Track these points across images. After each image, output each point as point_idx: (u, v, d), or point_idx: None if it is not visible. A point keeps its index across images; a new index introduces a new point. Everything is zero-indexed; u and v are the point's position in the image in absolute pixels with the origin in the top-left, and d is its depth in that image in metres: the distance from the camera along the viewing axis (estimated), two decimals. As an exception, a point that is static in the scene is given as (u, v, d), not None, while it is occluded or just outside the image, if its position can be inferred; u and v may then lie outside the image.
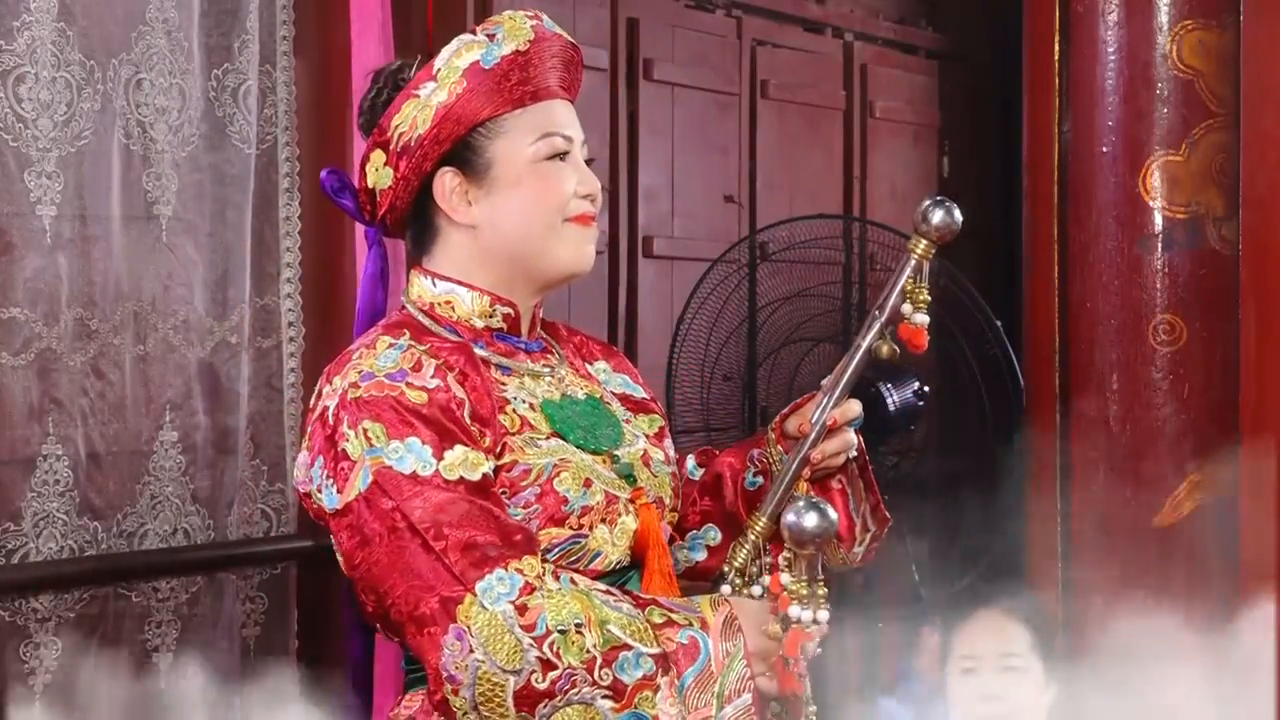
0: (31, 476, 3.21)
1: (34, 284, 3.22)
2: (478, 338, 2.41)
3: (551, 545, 2.33)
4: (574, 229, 2.41)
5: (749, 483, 2.59)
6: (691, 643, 2.24)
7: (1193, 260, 4.24)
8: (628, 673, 2.20)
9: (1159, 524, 4.20)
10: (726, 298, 4.34)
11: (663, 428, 2.56)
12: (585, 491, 2.35)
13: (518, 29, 2.41)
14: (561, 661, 2.18)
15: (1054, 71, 4.35)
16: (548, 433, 2.36)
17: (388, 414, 2.25)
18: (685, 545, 2.62)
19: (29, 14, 3.19)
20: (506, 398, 2.36)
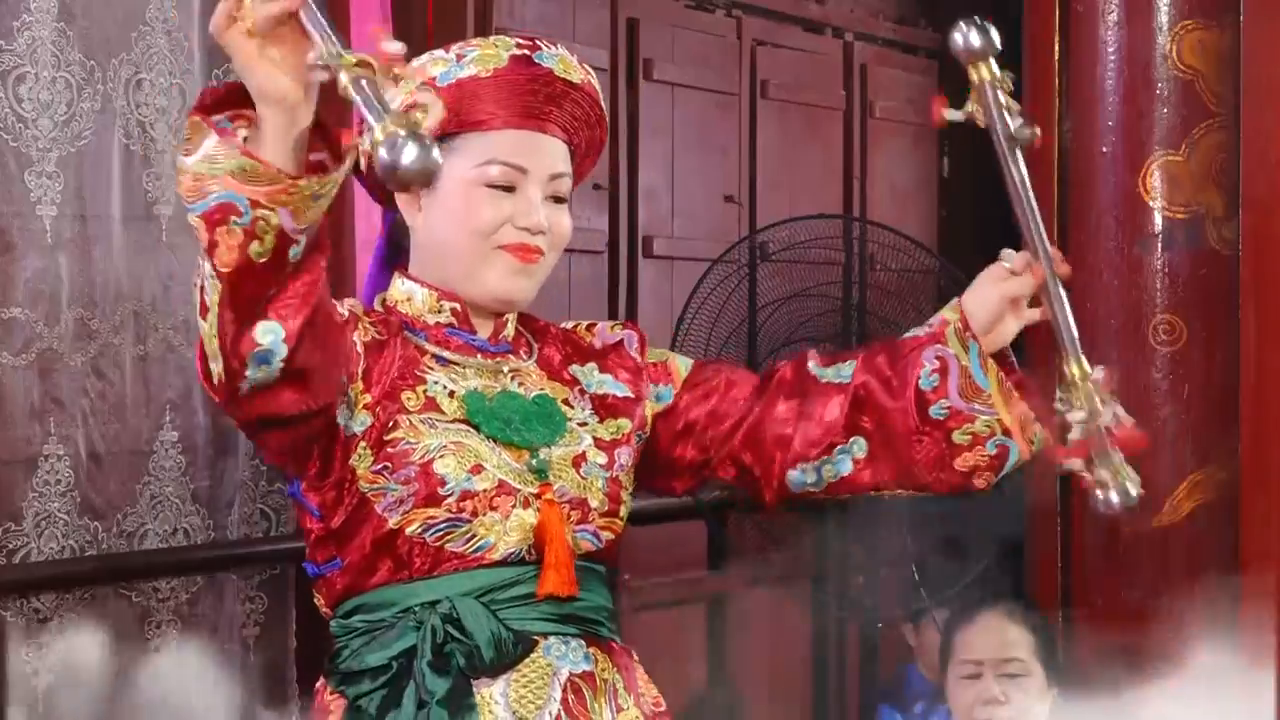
0: (32, 476, 3.22)
1: (34, 284, 3.23)
2: (426, 331, 2.44)
3: (429, 525, 2.34)
4: (505, 258, 2.43)
5: (924, 382, 2.50)
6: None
7: (1193, 260, 4.24)
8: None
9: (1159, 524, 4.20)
10: (726, 298, 4.34)
11: (629, 433, 2.54)
12: (470, 477, 2.36)
13: (490, 56, 2.43)
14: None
15: (1054, 71, 4.35)
16: (453, 418, 2.38)
17: None
18: (827, 460, 2.54)
19: (29, 14, 3.19)
20: (424, 379, 2.40)
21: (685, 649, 4.90)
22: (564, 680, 2.39)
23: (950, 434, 2.49)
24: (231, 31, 2.08)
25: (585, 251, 4.54)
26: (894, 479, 2.54)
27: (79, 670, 3.22)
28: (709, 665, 4.96)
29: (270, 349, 2.15)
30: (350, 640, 2.38)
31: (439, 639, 2.34)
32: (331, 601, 2.41)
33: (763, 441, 2.56)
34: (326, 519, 2.38)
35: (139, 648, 3.34)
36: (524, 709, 2.36)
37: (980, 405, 2.49)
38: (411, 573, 2.36)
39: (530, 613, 2.40)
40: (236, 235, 2.08)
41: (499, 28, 4.25)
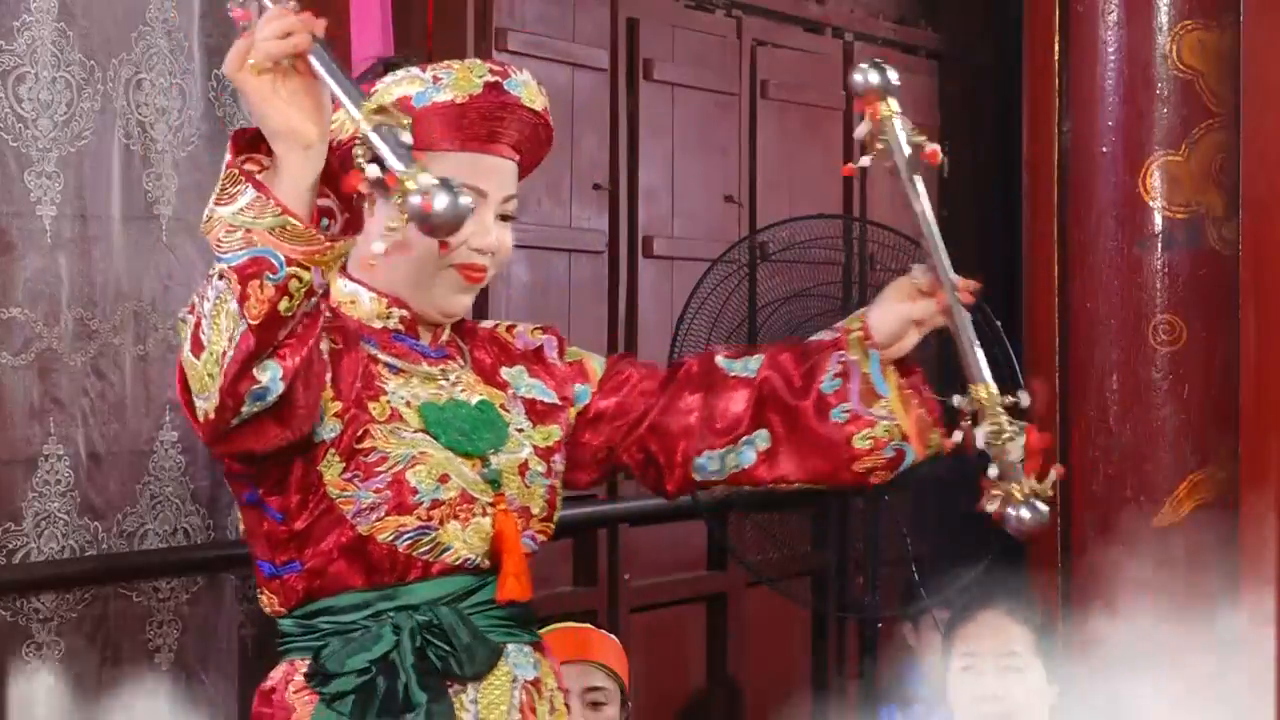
0: (32, 476, 3.22)
1: (34, 284, 3.23)
2: (374, 337, 2.48)
3: (400, 533, 2.40)
4: (454, 275, 2.48)
5: (826, 386, 2.60)
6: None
7: (1192, 260, 4.24)
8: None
9: (1159, 524, 4.20)
10: (726, 298, 4.34)
11: (559, 441, 2.59)
12: (439, 486, 2.42)
13: (466, 82, 2.47)
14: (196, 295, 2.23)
15: (1054, 72, 4.36)
16: (416, 428, 2.44)
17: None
18: (731, 449, 2.63)
19: (29, 14, 3.19)
20: (385, 390, 2.45)
21: (685, 649, 4.91)
22: (520, 687, 2.48)
23: (850, 437, 2.59)
24: (244, 71, 2.14)
25: (585, 251, 4.54)
26: (794, 474, 2.63)
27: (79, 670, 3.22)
28: (709, 665, 4.97)
29: (267, 386, 2.21)
30: (326, 641, 2.42)
31: (418, 644, 2.40)
32: (289, 602, 2.45)
33: (668, 430, 2.64)
34: (289, 522, 2.41)
35: (139, 648, 3.34)
36: (490, 714, 2.43)
37: (880, 410, 2.60)
38: (380, 578, 2.41)
39: (489, 619, 2.47)
40: (269, 290, 2.16)
41: (499, 28, 4.25)
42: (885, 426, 2.60)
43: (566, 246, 4.47)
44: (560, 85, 4.44)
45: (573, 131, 4.48)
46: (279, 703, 2.45)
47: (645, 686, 4.55)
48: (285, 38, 2.14)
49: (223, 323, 2.18)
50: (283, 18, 2.15)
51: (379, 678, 2.40)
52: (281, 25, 2.14)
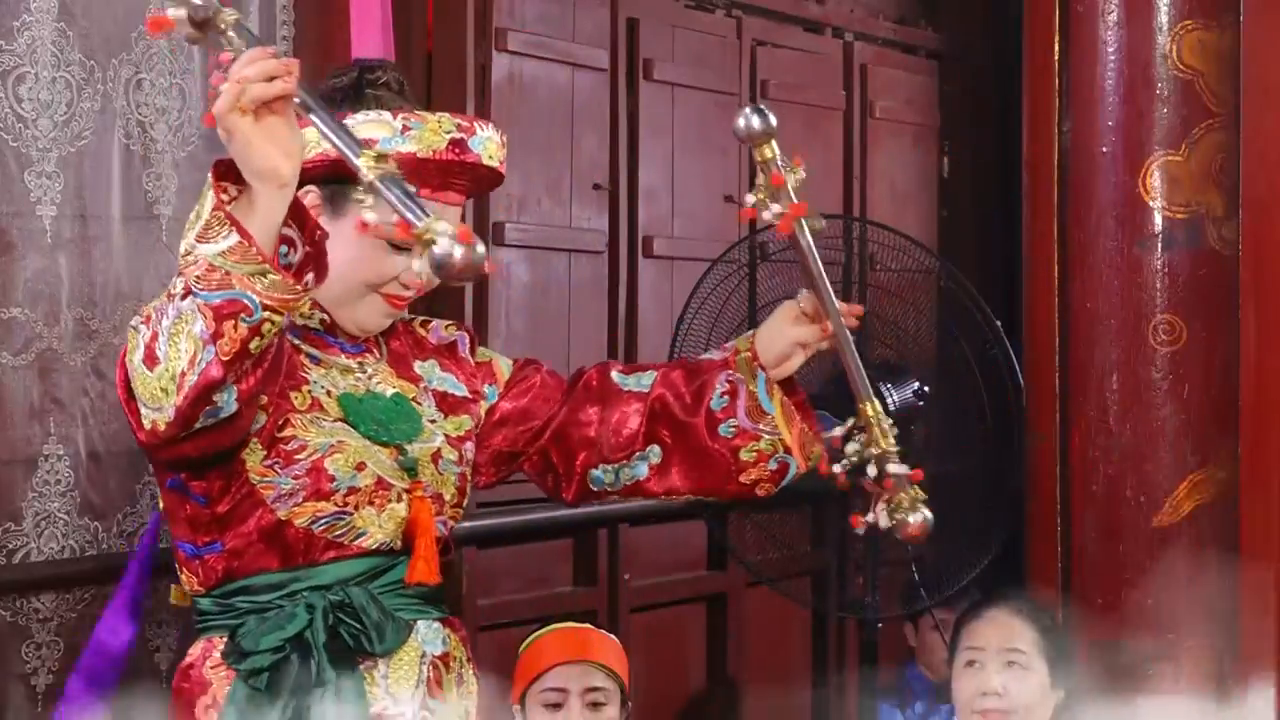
0: (32, 476, 3.22)
1: (34, 284, 3.23)
2: (296, 330, 2.61)
3: (317, 517, 2.54)
4: (379, 302, 2.63)
5: (715, 403, 2.76)
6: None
7: (1192, 260, 4.24)
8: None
9: (1159, 524, 4.20)
10: (726, 298, 4.33)
11: (470, 430, 2.74)
12: (355, 474, 2.56)
13: (434, 137, 2.57)
14: (151, 309, 2.36)
15: (1054, 72, 4.35)
16: (336, 418, 2.58)
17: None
18: (626, 465, 2.80)
19: (29, 14, 3.19)
20: (308, 379, 2.58)
21: (685, 649, 4.91)
22: (428, 662, 2.62)
23: (737, 451, 2.76)
24: (234, 113, 2.23)
25: (585, 251, 4.54)
26: (683, 486, 2.81)
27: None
28: (709, 665, 4.97)
29: (221, 407, 2.34)
30: (243, 620, 2.55)
31: (330, 622, 2.53)
32: (208, 582, 2.58)
33: (568, 440, 2.80)
34: (211, 506, 2.54)
35: (139, 647, 3.34)
36: (399, 690, 2.58)
37: (765, 426, 2.76)
38: (296, 559, 2.56)
39: (400, 598, 2.60)
40: (242, 330, 2.28)
41: (499, 28, 4.25)
42: (769, 440, 2.77)
43: (566, 246, 4.47)
44: (560, 85, 4.44)
45: (573, 131, 4.49)
46: (196, 678, 2.59)
47: (645, 687, 4.55)
48: (270, 81, 2.22)
49: (183, 344, 2.29)
50: (264, 60, 2.22)
51: (293, 655, 2.53)
52: (265, 69, 2.21)
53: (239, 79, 2.21)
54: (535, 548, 4.41)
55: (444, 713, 2.62)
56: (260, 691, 2.51)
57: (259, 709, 2.52)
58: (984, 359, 4.20)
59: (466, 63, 4.21)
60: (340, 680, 2.53)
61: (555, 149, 4.44)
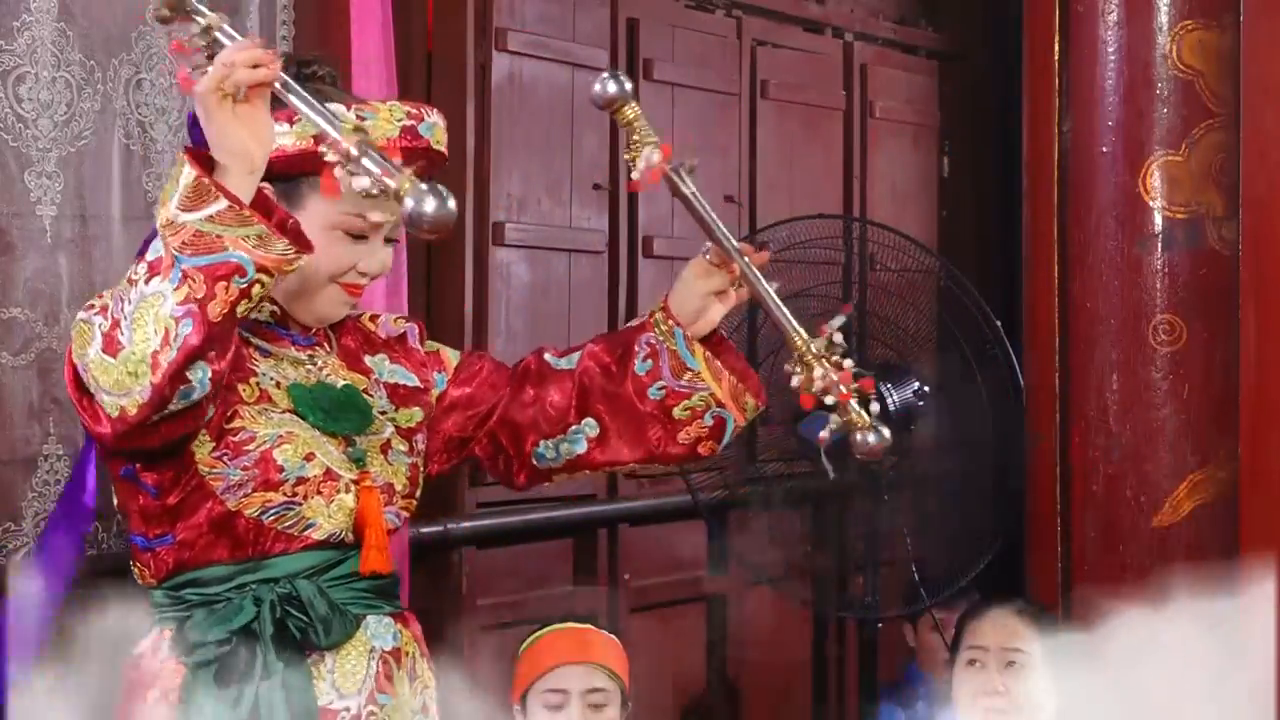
0: (32, 476, 3.21)
1: (34, 284, 3.22)
2: (246, 323, 2.59)
3: (266, 508, 2.57)
4: (337, 291, 2.67)
5: (639, 368, 2.78)
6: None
7: (1193, 260, 4.24)
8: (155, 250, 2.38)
9: (1159, 524, 4.20)
10: (726, 298, 4.33)
11: (421, 421, 2.78)
12: (304, 464, 2.59)
13: (386, 125, 2.62)
14: (107, 298, 2.42)
15: (1054, 71, 4.35)
16: (284, 408, 2.61)
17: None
18: (564, 439, 2.81)
19: (29, 14, 3.19)
20: (255, 370, 2.62)
21: (684, 648, 4.90)
22: (377, 657, 2.63)
23: (670, 411, 2.77)
24: (214, 94, 2.32)
25: (585, 251, 4.54)
26: (627, 454, 2.82)
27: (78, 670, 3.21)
28: (708, 665, 4.96)
29: (194, 386, 2.39)
30: (192, 612, 2.58)
31: (278, 615, 2.56)
32: (159, 574, 2.61)
33: (516, 424, 2.83)
34: (162, 497, 2.57)
35: (139, 648, 3.34)
36: (346, 684, 2.60)
37: (692, 382, 2.76)
38: (246, 551, 2.58)
39: (350, 591, 2.63)
40: (232, 292, 2.34)
41: (499, 28, 4.25)
42: (700, 396, 2.77)
43: (566, 246, 4.47)
44: (560, 85, 4.44)
45: (573, 131, 4.49)
46: (147, 669, 2.62)
47: (645, 687, 4.54)
48: (255, 68, 2.31)
49: (150, 327, 2.34)
50: (252, 49, 2.32)
51: (240, 647, 2.55)
52: (251, 56, 2.31)
53: (227, 63, 2.30)
54: (535, 548, 4.41)
55: (393, 708, 2.63)
56: (208, 685, 2.54)
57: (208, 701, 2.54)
58: (984, 359, 4.20)
59: (466, 62, 4.21)
60: (286, 672, 2.55)
61: (555, 149, 4.44)
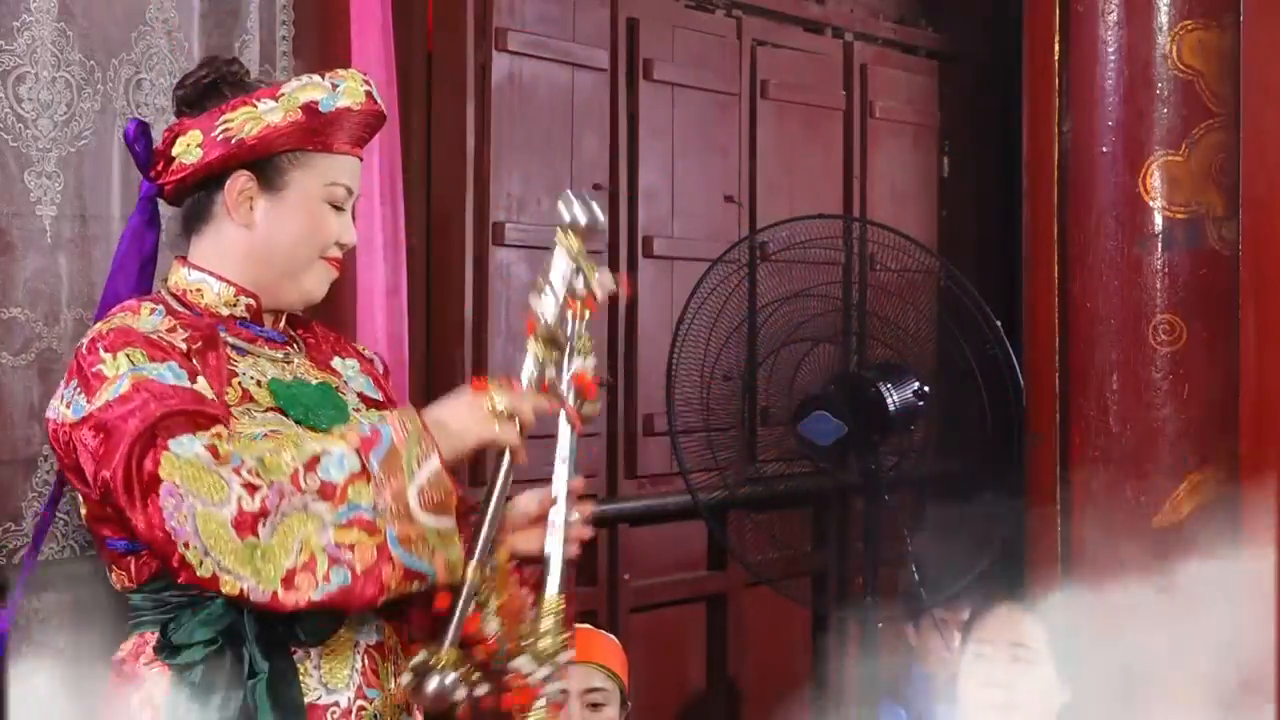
0: (32, 477, 3.22)
1: (34, 284, 3.23)
2: (221, 323, 2.67)
3: None
4: (324, 266, 2.73)
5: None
6: (373, 431, 2.48)
7: (1193, 260, 4.24)
8: (333, 473, 2.43)
9: (1159, 524, 4.20)
10: (726, 298, 4.34)
11: None
12: None
13: (354, 91, 2.70)
14: (264, 480, 2.41)
15: (1054, 71, 4.35)
16: (267, 406, 2.62)
17: (145, 346, 2.53)
18: None
19: (29, 14, 3.19)
20: (236, 372, 2.63)
21: (685, 649, 4.91)
22: (361, 651, 2.63)
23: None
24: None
25: (585, 252, 4.53)
26: None
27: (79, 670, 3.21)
28: (708, 665, 4.97)
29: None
30: (175, 614, 2.56)
31: (262, 614, 2.52)
32: (141, 578, 2.60)
33: None
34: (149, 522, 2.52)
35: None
36: (333, 679, 2.60)
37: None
38: None
39: None
40: (402, 586, 2.46)
41: (499, 28, 4.25)
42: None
43: (567, 246, 4.46)
44: (560, 85, 4.44)
45: (573, 131, 4.49)
46: (130, 674, 2.61)
47: (645, 687, 4.55)
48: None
49: (295, 544, 2.41)
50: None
51: (225, 647, 2.54)
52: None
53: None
54: (535, 548, 4.40)
55: (381, 702, 2.64)
56: (194, 686, 2.53)
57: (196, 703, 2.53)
58: (984, 359, 4.20)
59: (467, 63, 4.21)
60: (273, 670, 2.55)
61: (555, 149, 4.45)
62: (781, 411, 4.36)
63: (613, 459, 4.59)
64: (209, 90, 2.70)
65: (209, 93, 2.71)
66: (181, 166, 2.69)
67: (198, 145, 2.66)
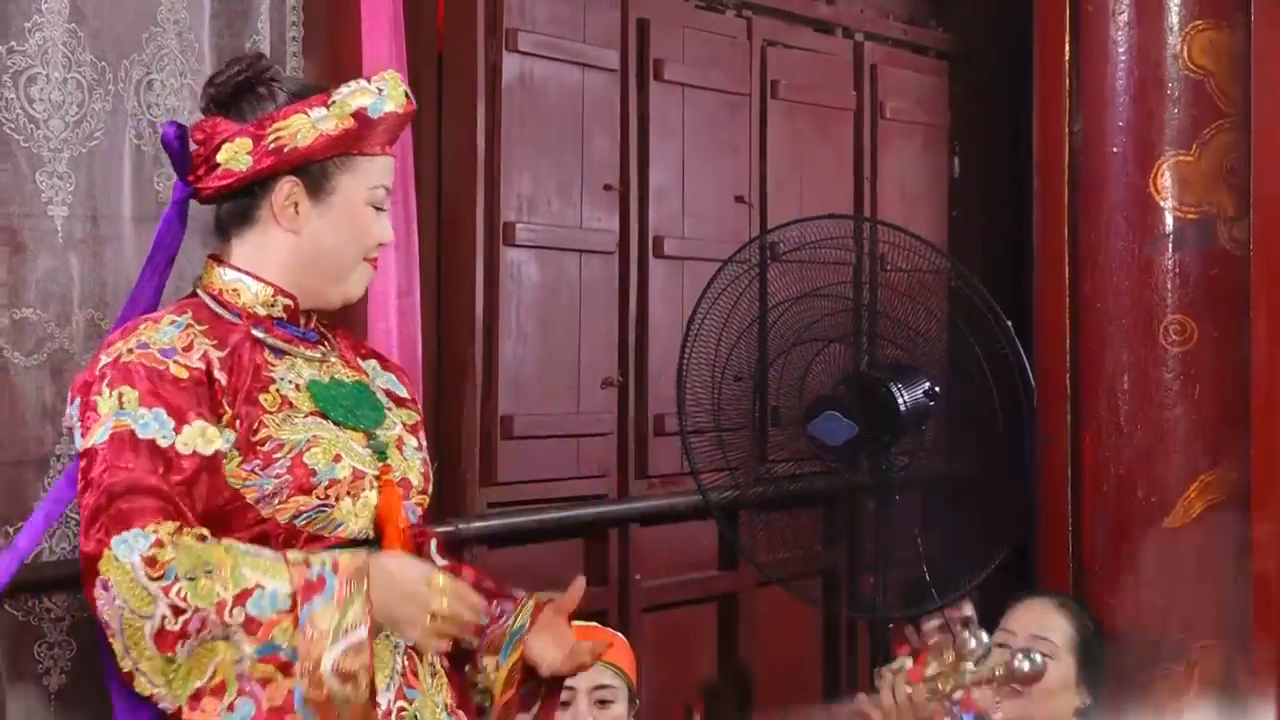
0: (44, 477, 3.22)
1: (46, 284, 3.23)
2: (259, 323, 2.70)
3: (300, 512, 2.61)
4: (365, 268, 2.79)
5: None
6: (319, 579, 2.49)
7: (1204, 260, 4.24)
8: (263, 609, 2.47)
9: (1170, 525, 4.20)
10: (737, 298, 4.34)
11: (418, 422, 2.86)
12: (334, 466, 2.63)
13: (395, 94, 2.75)
14: (189, 605, 2.44)
15: (1064, 72, 4.36)
16: (308, 411, 2.66)
17: (144, 384, 2.56)
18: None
19: (40, 15, 3.19)
20: (274, 378, 2.67)
21: (696, 648, 4.91)
22: (402, 652, 2.67)
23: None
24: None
25: (596, 252, 4.54)
26: None
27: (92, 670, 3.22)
28: (719, 665, 4.97)
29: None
30: None
31: None
32: None
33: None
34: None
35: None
36: (375, 680, 2.58)
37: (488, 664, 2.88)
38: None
39: None
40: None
41: (509, 28, 4.25)
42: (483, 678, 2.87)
43: (577, 247, 4.48)
44: (571, 86, 4.44)
45: (583, 132, 4.49)
46: None
47: (656, 686, 4.55)
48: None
49: (212, 665, 2.47)
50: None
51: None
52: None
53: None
54: (546, 547, 4.41)
55: (421, 702, 2.66)
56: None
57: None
58: (995, 359, 4.20)
59: (477, 63, 4.21)
60: None
61: (566, 149, 4.45)
62: (792, 411, 4.36)
63: (623, 459, 4.59)
64: (242, 88, 2.73)
65: (242, 91, 2.73)
66: (228, 173, 2.72)
67: (247, 153, 2.70)
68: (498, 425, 4.20)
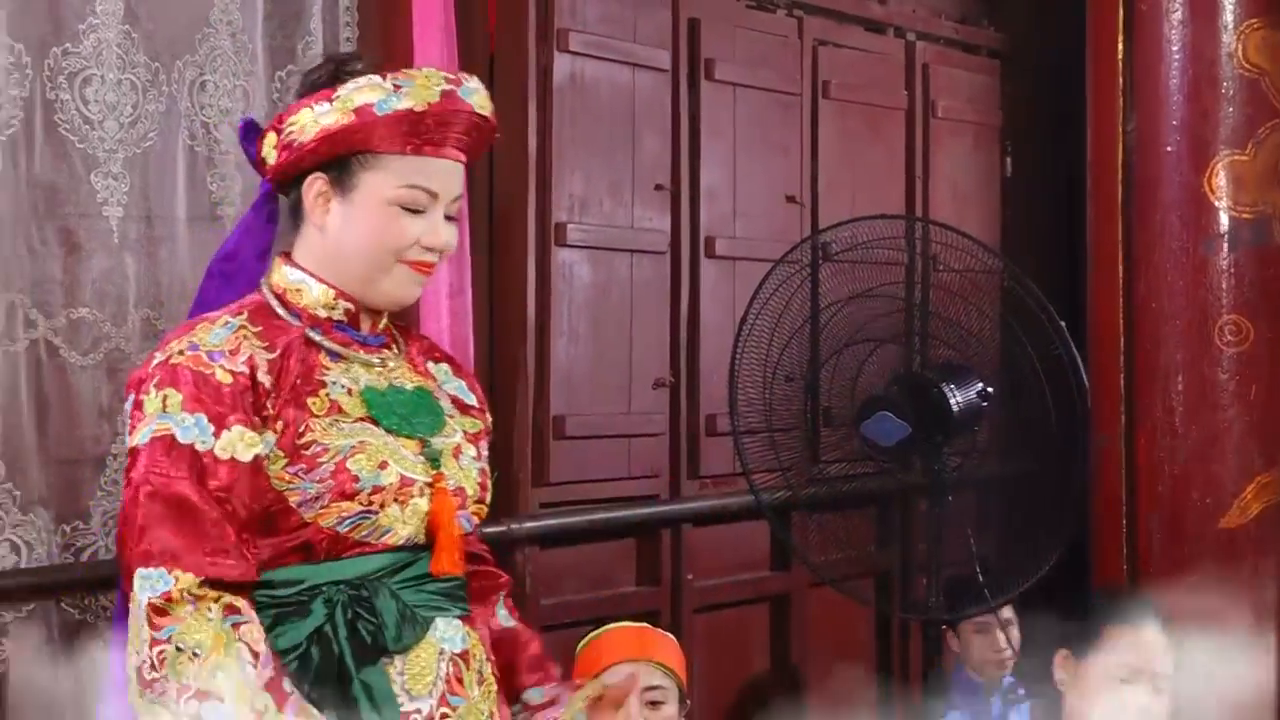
0: (100, 475, 3.24)
1: (101, 284, 3.25)
2: (318, 325, 2.67)
3: (343, 518, 2.57)
4: (405, 270, 2.68)
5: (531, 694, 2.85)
6: None
7: (1259, 260, 4.22)
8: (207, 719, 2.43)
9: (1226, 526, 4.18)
10: (789, 298, 4.33)
11: (482, 430, 2.81)
12: (379, 473, 2.59)
13: (425, 91, 2.64)
14: (160, 671, 2.44)
15: (1118, 70, 4.34)
16: (357, 416, 2.62)
17: (188, 387, 2.54)
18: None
19: (95, 17, 3.22)
20: (325, 381, 2.63)
21: (748, 649, 4.90)
22: (447, 659, 2.63)
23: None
24: None
25: (647, 252, 4.54)
26: None
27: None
28: (772, 665, 4.96)
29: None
30: (261, 615, 2.55)
31: (349, 617, 2.56)
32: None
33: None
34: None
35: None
36: (416, 687, 2.59)
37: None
38: (319, 557, 2.58)
39: (419, 594, 2.63)
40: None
41: (560, 29, 4.26)
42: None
43: (628, 247, 4.48)
44: (622, 85, 4.45)
45: (634, 132, 4.49)
46: None
47: (708, 687, 4.54)
48: None
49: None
50: None
51: (313, 649, 2.55)
52: None
53: None
54: (598, 547, 4.41)
55: (465, 710, 2.63)
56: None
57: None
58: (1048, 360, 4.18)
59: (528, 64, 4.22)
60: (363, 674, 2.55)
61: (617, 149, 4.45)
62: (844, 412, 4.34)
63: (675, 459, 4.59)
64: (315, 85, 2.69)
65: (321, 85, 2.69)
66: (268, 167, 2.70)
67: (273, 147, 2.68)
68: (550, 425, 4.20)
